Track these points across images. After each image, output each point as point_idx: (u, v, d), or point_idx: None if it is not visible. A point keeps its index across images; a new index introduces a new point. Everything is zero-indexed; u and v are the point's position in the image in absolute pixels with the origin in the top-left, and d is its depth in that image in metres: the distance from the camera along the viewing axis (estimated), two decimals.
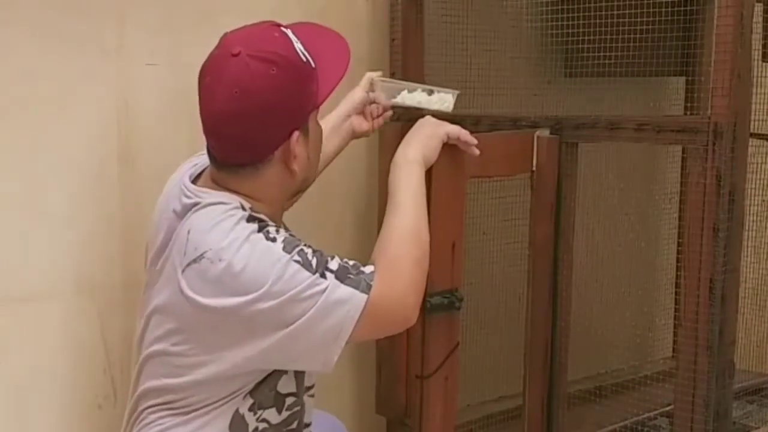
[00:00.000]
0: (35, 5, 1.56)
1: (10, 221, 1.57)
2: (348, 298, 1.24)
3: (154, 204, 1.69)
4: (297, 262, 1.23)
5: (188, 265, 1.26)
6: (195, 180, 1.38)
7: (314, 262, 1.25)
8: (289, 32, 1.32)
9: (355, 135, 1.67)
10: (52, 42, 1.58)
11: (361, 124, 1.66)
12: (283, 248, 1.24)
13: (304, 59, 1.30)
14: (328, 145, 1.58)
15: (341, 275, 1.25)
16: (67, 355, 1.66)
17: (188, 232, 1.28)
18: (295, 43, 1.30)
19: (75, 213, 1.64)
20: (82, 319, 1.67)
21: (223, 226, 1.26)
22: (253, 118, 1.26)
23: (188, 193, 1.33)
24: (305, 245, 1.27)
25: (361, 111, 1.65)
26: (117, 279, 1.69)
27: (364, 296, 1.25)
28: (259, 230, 1.26)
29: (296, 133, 1.30)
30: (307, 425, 1.43)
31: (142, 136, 1.70)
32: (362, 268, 1.28)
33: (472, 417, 2.12)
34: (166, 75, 1.72)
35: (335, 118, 1.64)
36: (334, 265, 1.26)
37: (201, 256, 1.25)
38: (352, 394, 2.10)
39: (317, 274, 1.24)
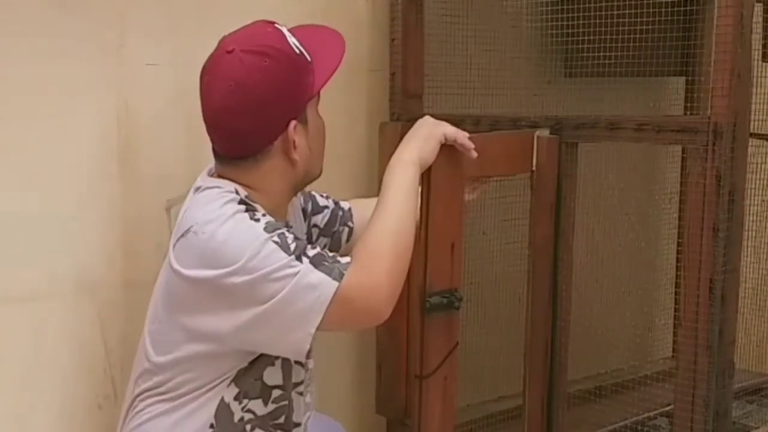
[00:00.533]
0: (36, 5, 1.56)
1: (10, 221, 1.57)
2: (318, 284, 1.26)
3: (154, 203, 1.70)
4: (275, 242, 1.26)
5: (178, 240, 1.31)
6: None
7: (293, 246, 1.27)
8: (282, 28, 1.36)
9: None
10: (53, 42, 1.58)
11: None
12: (264, 228, 1.28)
13: (298, 52, 1.34)
14: None
15: (316, 261, 1.27)
16: (67, 355, 1.66)
17: (185, 212, 1.35)
18: (288, 38, 1.35)
19: (75, 213, 1.64)
20: (83, 319, 1.67)
21: (212, 205, 1.31)
22: (250, 110, 1.31)
23: (198, 180, 1.40)
24: (288, 230, 1.30)
25: None
26: (117, 279, 1.69)
27: (335, 283, 1.26)
28: (246, 211, 1.30)
29: (293, 123, 1.34)
30: (297, 425, 1.43)
31: (143, 136, 1.71)
32: (339, 258, 1.30)
33: (472, 417, 2.12)
34: (166, 75, 1.72)
35: None
36: (312, 252, 1.29)
37: (188, 230, 1.30)
38: (352, 394, 2.10)
39: (293, 257, 1.26)
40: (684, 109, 2.43)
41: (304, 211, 1.62)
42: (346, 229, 1.68)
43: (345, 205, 1.68)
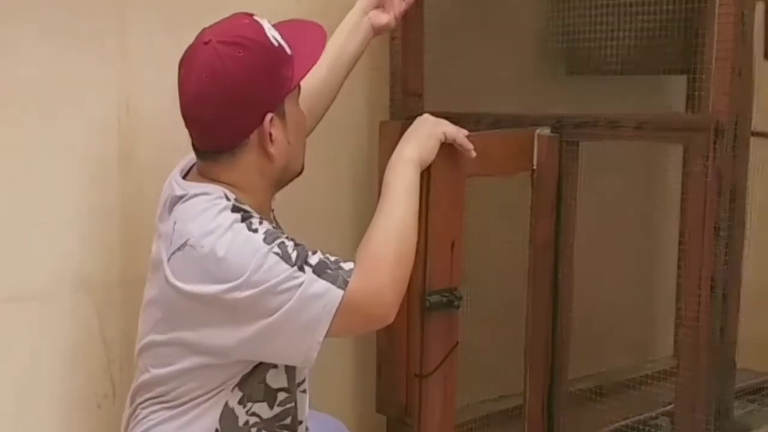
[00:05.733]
0: (37, 6, 1.56)
1: (10, 220, 1.57)
2: (324, 293, 1.25)
3: (153, 203, 1.69)
4: (276, 254, 1.25)
5: (173, 253, 1.29)
6: (186, 175, 1.40)
7: (294, 255, 1.26)
8: (262, 20, 1.35)
9: (377, 31, 1.66)
10: (54, 42, 1.58)
11: (379, 17, 1.64)
12: (264, 239, 1.26)
13: (276, 44, 1.33)
14: (350, 44, 1.63)
15: (319, 270, 1.26)
16: (66, 354, 1.65)
17: (174, 223, 1.31)
18: (267, 30, 1.33)
19: (75, 212, 1.64)
20: (81, 317, 1.67)
21: (207, 215, 1.28)
22: (223, 100, 1.29)
23: (176, 187, 1.35)
24: (287, 238, 1.29)
25: (377, 4, 1.64)
26: (116, 277, 1.69)
27: (341, 291, 1.25)
28: (242, 220, 1.28)
29: (269, 115, 1.32)
30: (301, 422, 1.43)
31: (143, 136, 1.71)
32: (342, 264, 1.29)
33: (472, 416, 2.12)
34: (167, 75, 1.71)
35: (353, 15, 1.64)
36: (313, 259, 1.27)
37: (185, 244, 1.27)
38: (352, 394, 2.10)
39: (295, 267, 1.25)
40: (685, 108, 2.43)
41: None
42: None
43: None
